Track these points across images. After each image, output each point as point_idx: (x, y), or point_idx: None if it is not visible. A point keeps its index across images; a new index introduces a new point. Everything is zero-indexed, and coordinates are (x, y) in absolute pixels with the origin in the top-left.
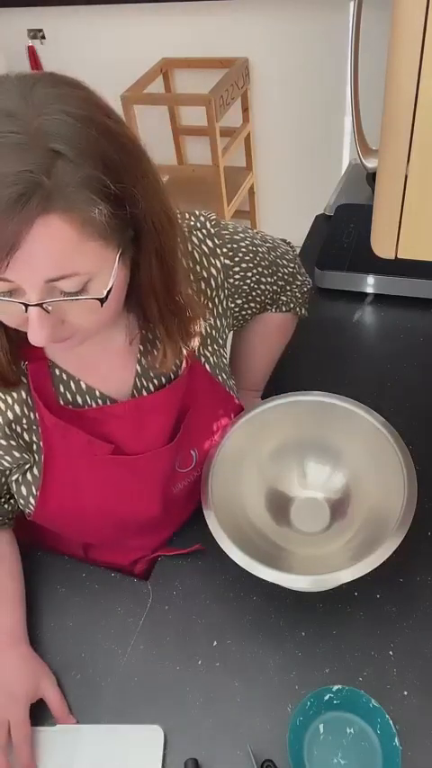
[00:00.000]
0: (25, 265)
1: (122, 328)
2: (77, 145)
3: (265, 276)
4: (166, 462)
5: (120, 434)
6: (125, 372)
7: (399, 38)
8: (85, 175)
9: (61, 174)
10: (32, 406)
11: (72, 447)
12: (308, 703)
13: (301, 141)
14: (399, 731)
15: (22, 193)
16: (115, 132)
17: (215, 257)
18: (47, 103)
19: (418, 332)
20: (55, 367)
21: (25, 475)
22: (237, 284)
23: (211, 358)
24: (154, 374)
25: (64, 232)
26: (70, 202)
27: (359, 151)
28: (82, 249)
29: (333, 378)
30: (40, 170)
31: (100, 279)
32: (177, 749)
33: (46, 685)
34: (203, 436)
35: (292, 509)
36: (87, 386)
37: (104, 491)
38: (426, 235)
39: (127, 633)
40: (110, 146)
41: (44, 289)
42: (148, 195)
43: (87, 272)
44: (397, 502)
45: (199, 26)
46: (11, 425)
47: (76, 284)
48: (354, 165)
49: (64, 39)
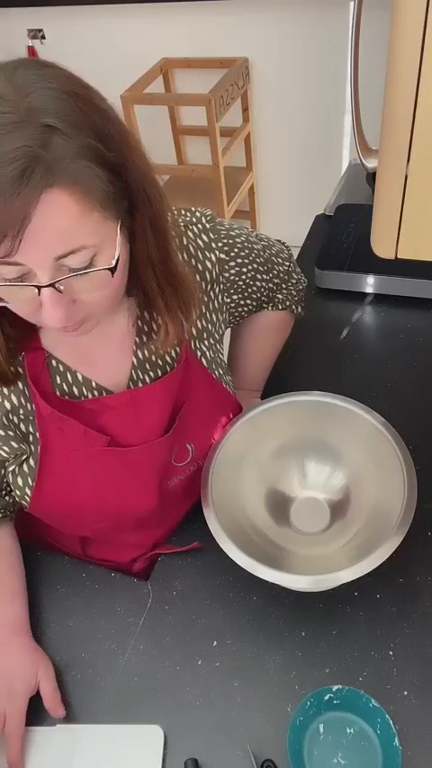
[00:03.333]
0: (34, 244)
1: (120, 316)
2: (68, 117)
3: (260, 273)
4: (161, 455)
5: (115, 426)
6: (121, 364)
7: (399, 38)
8: (80, 145)
9: (58, 146)
10: (29, 397)
11: (68, 438)
12: (308, 703)
13: (301, 141)
14: (399, 731)
15: (24, 168)
16: (100, 106)
17: (210, 251)
18: (31, 83)
19: (418, 332)
20: (52, 358)
21: (21, 466)
22: (232, 279)
23: (207, 352)
24: (150, 366)
25: (68, 205)
26: (70, 174)
27: (359, 151)
28: (86, 222)
29: (333, 378)
30: (37, 144)
31: (106, 251)
32: (177, 749)
33: (42, 674)
34: (199, 430)
35: (292, 509)
36: (84, 377)
37: (100, 483)
38: (426, 235)
39: (127, 633)
40: (97, 116)
41: (54, 267)
42: (137, 164)
43: (93, 244)
44: (397, 502)
45: (199, 26)
46: (8, 416)
47: (83, 259)
48: (354, 165)
49: (64, 39)
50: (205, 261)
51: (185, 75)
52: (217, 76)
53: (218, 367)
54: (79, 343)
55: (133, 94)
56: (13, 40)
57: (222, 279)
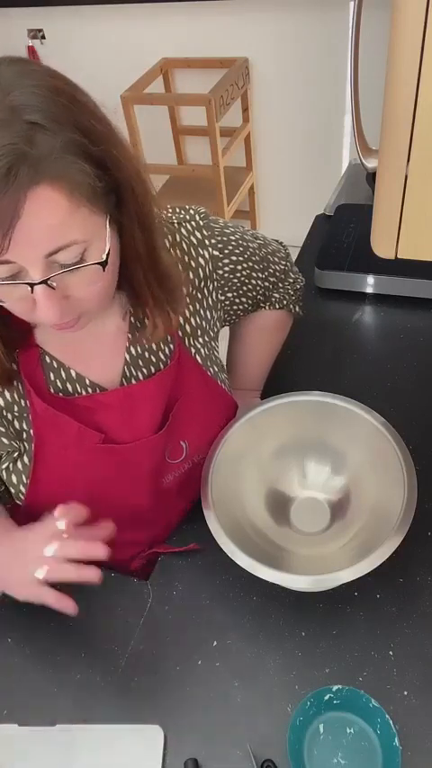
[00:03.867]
0: (24, 242)
1: (112, 313)
2: (51, 113)
3: (255, 271)
4: (155, 452)
5: (109, 423)
6: (115, 361)
7: (399, 38)
8: (65, 141)
9: (42, 143)
10: (23, 394)
11: (62, 435)
12: (308, 703)
13: (301, 141)
14: (399, 731)
15: (10, 166)
16: (83, 101)
17: (203, 248)
18: (13, 81)
19: (418, 332)
20: (45, 354)
21: (15, 463)
22: (226, 276)
23: (202, 350)
24: (143, 363)
25: (56, 201)
26: (56, 169)
27: (359, 151)
28: (75, 217)
29: (333, 378)
30: (22, 141)
31: (96, 246)
32: (177, 749)
33: None
34: (194, 428)
35: (292, 509)
36: (77, 374)
37: (94, 479)
38: (426, 235)
39: (127, 633)
40: (82, 112)
41: (45, 264)
42: (123, 160)
43: (83, 239)
44: (397, 502)
45: (199, 26)
46: (1, 412)
47: (74, 254)
48: (354, 165)
49: (64, 39)
50: (198, 258)
51: (185, 75)
52: (217, 76)
53: (213, 364)
54: (73, 340)
55: (133, 94)
56: (13, 40)
57: (216, 276)
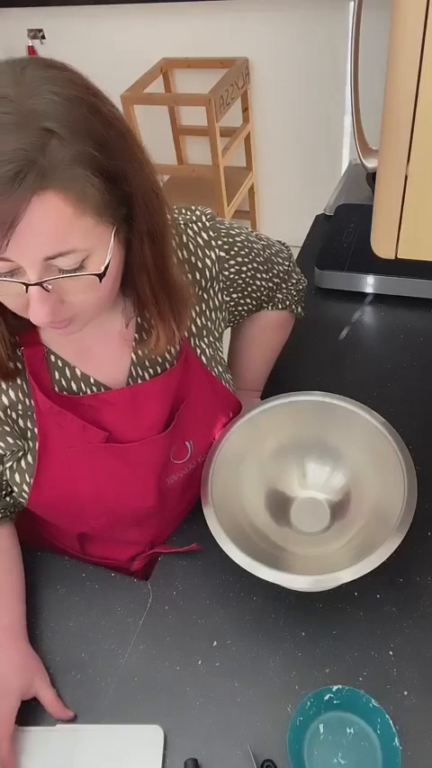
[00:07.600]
0: (24, 243)
1: (118, 314)
2: (68, 123)
3: (260, 272)
4: (159, 451)
5: (114, 422)
6: (121, 361)
7: (399, 38)
8: (78, 152)
9: (55, 151)
10: (28, 392)
11: (67, 434)
12: (308, 703)
13: (301, 141)
14: (399, 731)
15: (17, 171)
16: (104, 111)
17: (210, 249)
18: (37, 85)
19: (418, 332)
20: (50, 353)
21: (19, 462)
22: (232, 278)
23: (207, 350)
24: (149, 363)
25: (60, 209)
26: (65, 179)
27: (359, 151)
28: (78, 225)
29: (333, 378)
30: (34, 148)
31: (97, 255)
32: (177, 749)
33: (39, 684)
34: (198, 428)
35: (292, 509)
36: (82, 373)
37: (98, 479)
38: (426, 235)
39: (127, 633)
40: (99, 124)
41: (43, 267)
42: (138, 173)
43: (84, 248)
44: (397, 502)
45: (199, 26)
46: (6, 411)
47: (73, 261)
48: (354, 165)
49: (64, 39)
50: (205, 258)
51: (185, 76)
52: (217, 76)
53: (217, 365)
54: (78, 339)
55: (133, 94)
56: (13, 40)
57: (222, 277)
